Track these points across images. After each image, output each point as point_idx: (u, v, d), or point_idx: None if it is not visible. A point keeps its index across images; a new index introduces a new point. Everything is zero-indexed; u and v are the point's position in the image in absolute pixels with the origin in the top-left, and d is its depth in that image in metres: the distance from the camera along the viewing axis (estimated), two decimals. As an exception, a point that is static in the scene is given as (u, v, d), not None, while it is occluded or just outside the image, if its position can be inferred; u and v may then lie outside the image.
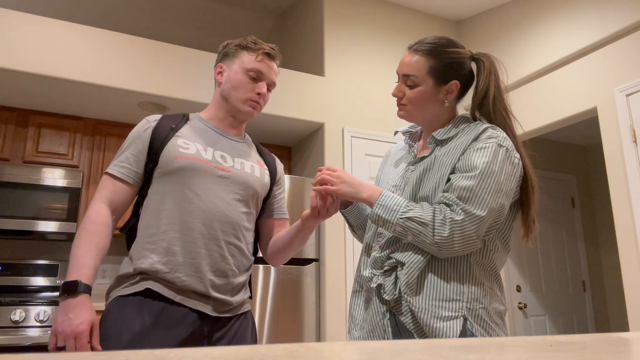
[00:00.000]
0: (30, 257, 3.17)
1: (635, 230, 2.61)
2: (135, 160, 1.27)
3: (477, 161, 1.10)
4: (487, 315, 1.11)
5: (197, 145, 1.29)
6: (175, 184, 1.24)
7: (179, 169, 1.24)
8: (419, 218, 1.08)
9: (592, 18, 2.97)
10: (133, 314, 1.14)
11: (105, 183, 1.26)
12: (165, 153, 1.25)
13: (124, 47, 2.92)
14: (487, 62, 1.22)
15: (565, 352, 0.53)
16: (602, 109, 2.87)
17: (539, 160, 4.75)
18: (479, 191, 1.07)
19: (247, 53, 1.35)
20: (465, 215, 1.06)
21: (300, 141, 3.75)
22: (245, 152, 1.39)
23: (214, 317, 1.22)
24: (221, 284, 1.22)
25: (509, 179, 1.12)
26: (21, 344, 2.50)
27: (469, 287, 1.10)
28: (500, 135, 1.14)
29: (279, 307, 2.97)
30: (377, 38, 3.76)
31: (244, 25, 4.64)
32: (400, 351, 0.51)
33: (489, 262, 1.15)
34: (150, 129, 1.30)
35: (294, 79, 3.38)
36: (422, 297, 1.10)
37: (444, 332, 1.08)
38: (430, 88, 1.20)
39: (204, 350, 0.47)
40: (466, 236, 1.06)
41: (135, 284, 1.18)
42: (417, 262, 1.11)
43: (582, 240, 4.74)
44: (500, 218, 1.13)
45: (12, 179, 2.86)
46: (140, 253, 1.20)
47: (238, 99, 1.34)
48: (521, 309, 4.17)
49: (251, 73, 1.34)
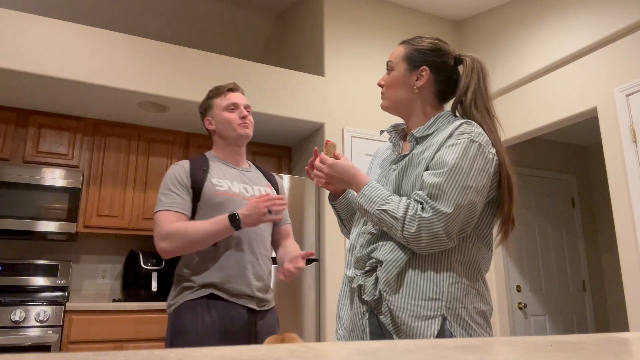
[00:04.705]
0: (30, 257, 3.17)
1: (635, 230, 2.61)
2: (185, 195, 1.59)
3: (447, 158, 1.10)
4: (468, 315, 1.09)
5: (227, 182, 1.65)
6: (218, 215, 1.55)
7: (219, 203, 1.59)
8: (391, 212, 1.10)
9: (592, 18, 2.97)
10: (203, 312, 1.48)
11: (165, 217, 1.54)
12: (206, 190, 1.59)
13: (124, 48, 2.92)
14: (469, 61, 1.23)
15: (565, 352, 0.53)
16: (602, 109, 2.87)
17: (539, 160, 4.75)
18: (447, 188, 1.07)
19: (217, 98, 1.73)
20: (433, 213, 1.06)
21: (300, 141, 3.75)
22: (257, 179, 1.76)
23: (258, 310, 1.58)
24: (261, 286, 1.60)
25: (480, 175, 1.09)
26: (21, 344, 2.50)
27: (449, 287, 1.09)
28: (474, 130, 1.13)
29: (279, 307, 2.97)
30: (377, 38, 3.76)
31: (244, 25, 4.64)
32: (400, 351, 0.51)
33: (470, 260, 1.13)
34: (188, 172, 1.62)
35: (294, 79, 3.38)
36: (400, 295, 1.10)
37: (421, 332, 1.07)
38: (402, 72, 1.25)
39: (204, 350, 0.47)
40: (434, 233, 1.06)
41: (199, 290, 1.52)
42: (395, 261, 1.12)
43: (582, 240, 4.74)
44: (473, 215, 1.10)
45: (12, 179, 2.86)
46: (199, 270, 1.54)
47: (232, 128, 1.69)
48: (521, 309, 4.17)
49: (230, 107, 1.70)
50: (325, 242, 3.18)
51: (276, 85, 3.30)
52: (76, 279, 3.27)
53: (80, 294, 3.25)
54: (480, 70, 1.22)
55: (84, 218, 3.09)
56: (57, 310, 2.62)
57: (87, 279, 3.30)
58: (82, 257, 3.33)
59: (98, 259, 3.36)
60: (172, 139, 3.46)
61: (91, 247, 3.36)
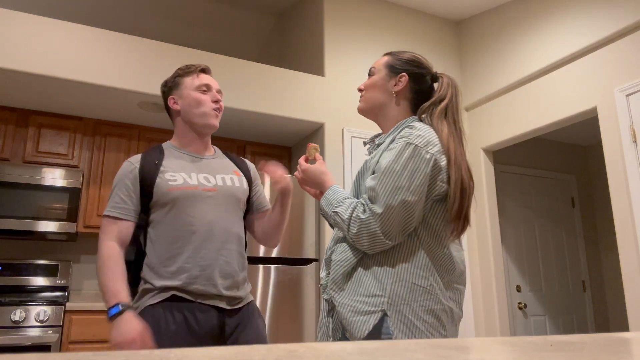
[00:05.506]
0: (30, 257, 3.17)
1: (635, 230, 2.61)
2: (130, 199, 1.47)
3: (382, 162, 1.18)
4: (412, 312, 1.10)
5: (182, 175, 1.49)
6: (174, 212, 1.45)
7: (173, 199, 1.45)
8: (341, 214, 1.18)
9: (592, 18, 2.97)
10: (166, 316, 1.36)
11: (108, 225, 1.45)
12: (158, 188, 1.45)
13: (124, 47, 2.92)
14: (446, 78, 1.31)
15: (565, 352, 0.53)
16: (602, 109, 2.87)
17: (539, 160, 4.75)
18: (379, 190, 1.14)
19: (187, 77, 1.56)
20: (369, 214, 1.13)
21: (300, 141, 3.75)
22: (222, 167, 1.60)
23: (229, 309, 1.46)
24: (229, 284, 1.46)
25: (414, 175, 1.13)
26: (21, 344, 2.50)
27: (392, 284, 1.12)
28: (413, 133, 1.18)
29: (279, 307, 2.97)
30: (377, 38, 3.76)
31: (244, 25, 4.64)
32: (400, 351, 0.51)
33: (418, 258, 1.14)
34: (136, 169, 1.48)
35: (294, 79, 3.38)
36: (345, 293, 1.17)
37: (358, 327, 1.11)
38: (382, 76, 1.34)
39: (204, 350, 0.47)
40: (371, 233, 1.12)
41: (160, 293, 1.40)
42: (343, 261, 1.19)
43: (582, 240, 4.74)
44: (410, 213, 1.13)
45: (12, 179, 2.86)
46: (157, 275, 1.42)
47: (201, 113, 1.53)
48: (521, 309, 4.17)
49: (202, 88, 1.55)
50: (325, 242, 3.18)
51: (276, 85, 3.30)
52: (76, 279, 3.27)
53: (80, 294, 3.25)
54: (455, 87, 1.29)
55: (84, 218, 3.09)
56: (57, 310, 2.62)
57: (87, 279, 3.30)
58: (82, 257, 3.33)
59: (98, 259, 3.36)
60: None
61: (91, 247, 3.36)
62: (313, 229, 3.25)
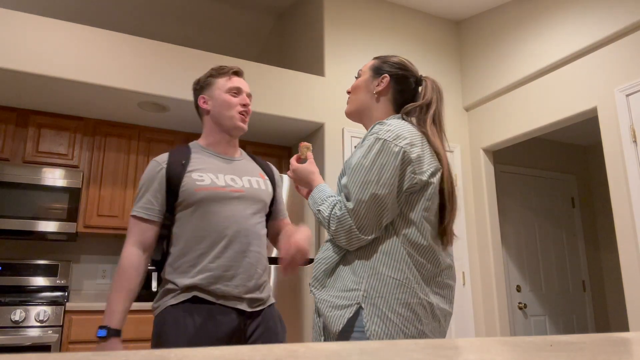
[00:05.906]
0: (30, 257, 3.17)
1: (635, 230, 2.61)
2: (156, 199, 1.47)
3: (352, 159, 1.22)
4: (386, 305, 1.10)
5: (210, 175, 1.49)
6: (200, 212, 1.45)
7: (200, 200, 1.44)
8: (322, 212, 1.21)
9: (592, 18, 2.97)
10: (186, 317, 1.37)
11: (134, 226, 1.46)
12: (185, 188, 1.45)
13: (124, 48, 2.92)
14: (430, 81, 1.32)
15: (565, 352, 0.53)
16: (602, 109, 2.87)
17: (539, 160, 4.75)
18: (350, 186, 1.17)
19: (220, 78, 1.58)
20: (344, 210, 1.15)
21: (300, 141, 3.75)
22: (249, 169, 1.61)
23: (250, 312, 1.45)
24: (252, 286, 1.46)
25: (384, 169, 1.15)
26: (21, 344, 2.50)
27: (368, 278, 1.13)
28: (382, 128, 1.20)
29: (279, 307, 2.97)
30: (377, 38, 3.76)
31: (244, 25, 4.64)
32: (400, 351, 0.51)
33: (394, 251, 1.14)
34: (164, 169, 1.49)
35: (294, 79, 3.38)
36: (326, 290, 1.19)
37: (333, 321, 1.12)
38: (366, 78, 1.37)
39: (204, 350, 0.47)
40: (346, 229, 1.14)
41: (182, 293, 1.40)
42: (325, 259, 1.21)
43: (582, 240, 4.74)
44: (383, 206, 1.14)
45: (12, 179, 2.86)
46: (181, 274, 1.42)
47: (230, 116, 1.55)
48: (521, 309, 4.17)
49: (233, 90, 1.56)
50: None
51: (276, 85, 3.30)
52: (76, 279, 3.27)
53: (80, 294, 3.25)
54: (439, 91, 1.31)
55: (84, 218, 3.09)
56: (57, 310, 2.62)
57: (87, 279, 3.30)
58: (82, 257, 3.33)
59: (98, 259, 3.36)
60: (172, 139, 3.46)
61: (91, 247, 3.36)
62: (313, 229, 3.25)
